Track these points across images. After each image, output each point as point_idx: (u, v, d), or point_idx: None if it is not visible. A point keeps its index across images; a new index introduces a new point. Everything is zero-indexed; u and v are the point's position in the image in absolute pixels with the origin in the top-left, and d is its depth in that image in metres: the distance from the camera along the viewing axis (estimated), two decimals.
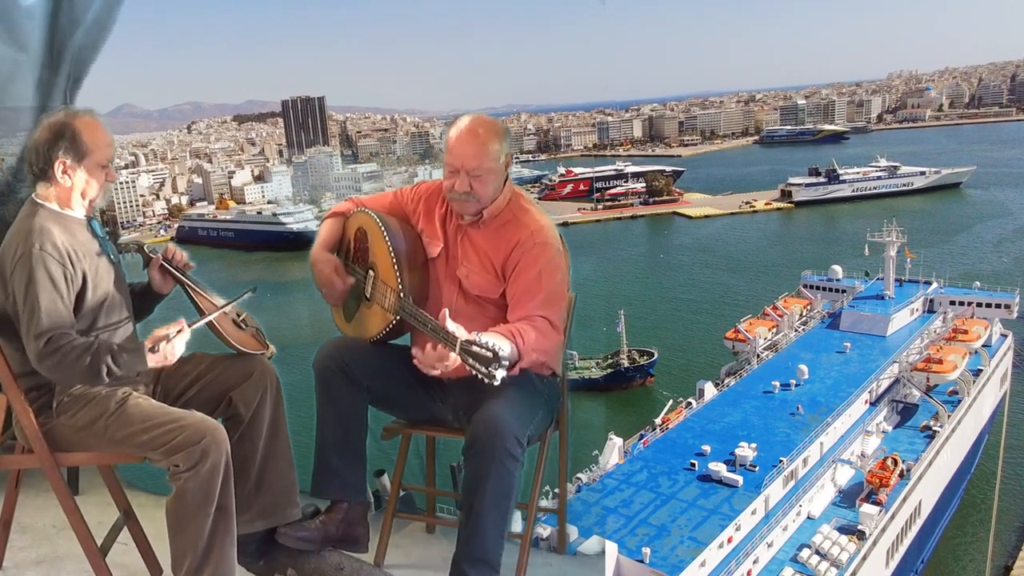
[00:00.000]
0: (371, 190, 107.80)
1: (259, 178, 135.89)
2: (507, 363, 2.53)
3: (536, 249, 2.99)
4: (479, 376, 2.48)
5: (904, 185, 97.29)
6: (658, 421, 29.50)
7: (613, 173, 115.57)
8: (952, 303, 38.34)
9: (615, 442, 26.47)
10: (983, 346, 35.52)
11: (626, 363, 44.01)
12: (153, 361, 2.72)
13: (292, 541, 3.08)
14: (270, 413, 3.03)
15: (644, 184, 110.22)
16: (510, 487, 2.85)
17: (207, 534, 2.73)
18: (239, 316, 3.09)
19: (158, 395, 2.98)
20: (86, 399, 2.82)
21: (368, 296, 3.17)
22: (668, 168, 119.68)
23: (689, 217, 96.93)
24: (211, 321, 2.90)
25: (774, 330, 37.18)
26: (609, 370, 43.67)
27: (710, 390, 31.54)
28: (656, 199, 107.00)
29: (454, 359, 2.58)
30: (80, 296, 2.78)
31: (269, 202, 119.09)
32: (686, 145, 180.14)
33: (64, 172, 2.78)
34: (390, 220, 3.17)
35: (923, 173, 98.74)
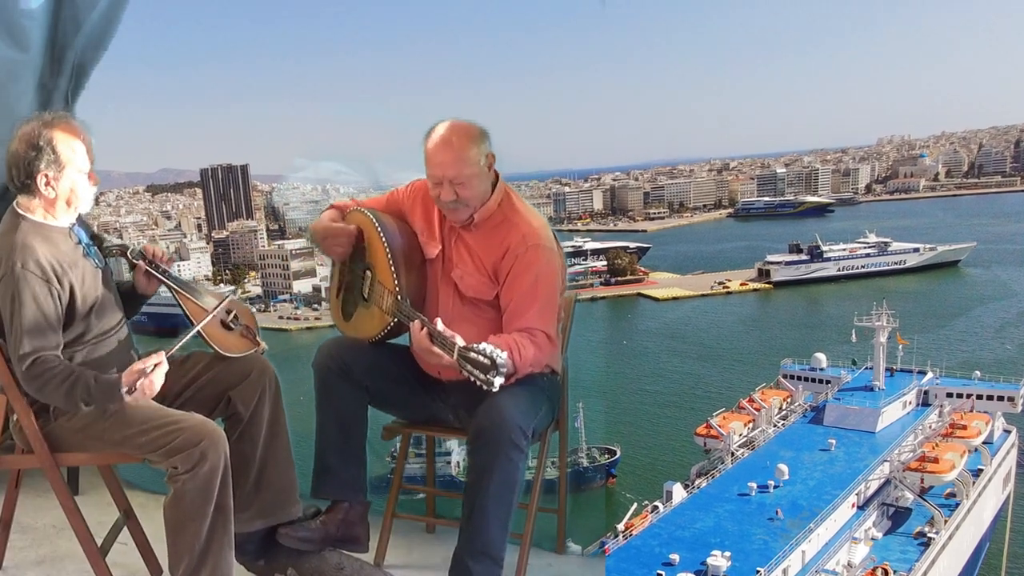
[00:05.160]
0: (300, 268, 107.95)
1: (175, 255, 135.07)
2: (504, 370, 2.81)
3: (529, 253, 3.32)
4: (477, 383, 2.81)
5: (896, 263, 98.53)
6: (621, 527, 29.59)
7: (571, 250, 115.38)
8: (949, 395, 38.85)
9: (573, 550, 26.52)
10: (984, 443, 35.89)
11: (585, 462, 43.83)
12: (130, 399, 2.99)
13: (292, 541, 3.39)
14: (269, 412, 3.36)
15: (605, 262, 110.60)
16: (514, 480, 3.16)
17: (205, 535, 3.03)
18: (229, 314, 3.40)
19: (156, 395, 3.17)
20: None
21: (366, 297, 3.50)
22: (632, 244, 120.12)
23: (655, 299, 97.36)
24: (199, 329, 3.24)
25: (750, 425, 37.49)
26: (566, 470, 43.05)
27: (679, 492, 31.70)
28: (619, 279, 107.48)
29: (440, 354, 2.97)
30: (70, 307, 3.06)
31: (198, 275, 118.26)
32: (652, 219, 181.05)
33: (48, 185, 3.04)
34: (387, 220, 3.53)
35: (917, 250, 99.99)
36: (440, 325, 3.02)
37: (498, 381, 2.79)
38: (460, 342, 2.91)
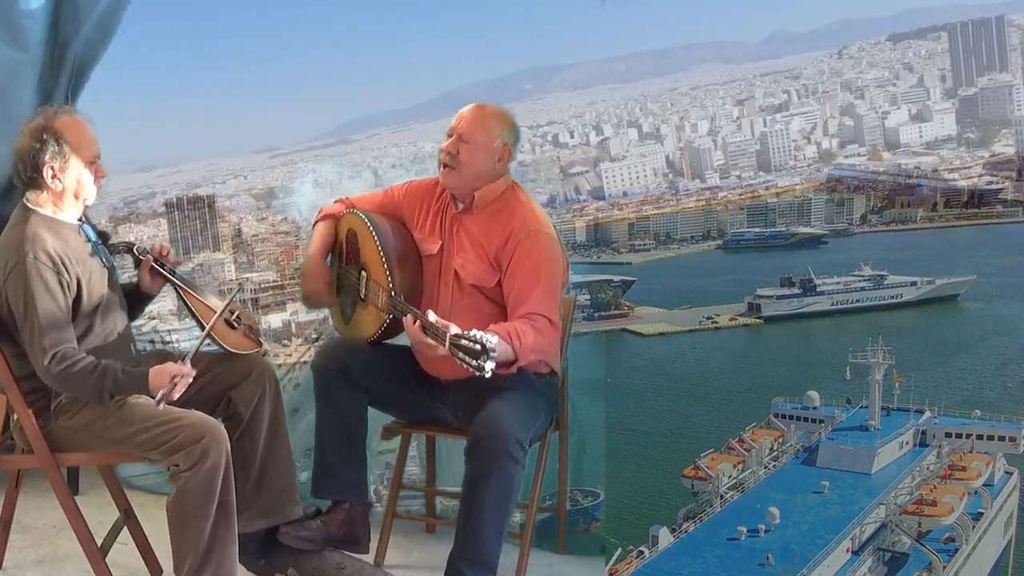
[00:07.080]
0: (269, 303, 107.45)
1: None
2: (495, 354, 2.89)
3: (531, 238, 3.49)
4: (469, 368, 2.89)
5: (892, 297, 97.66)
6: (604, 573, 29.24)
7: None
8: (948, 435, 38.60)
9: None
10: (984, 485, 35.83)
11: (568, 506, 43.09)
12: (154, 394, 3.09)
13: (294, 541, 3.56)
14: (269, 412, 3.51)
15: (588, 296, 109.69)
16: (511, 489, 3.35)
17: (208, 534, 3.14)
18: (232, 314, 3.57)
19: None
20: (84, 400, 3.24)
21: (363, 297, 3.67)
22: (616, 278, 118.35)
23: (641, 335, 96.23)
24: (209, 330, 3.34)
25: (740, 467, 37.06)
26: (547, 514, 42.64)
27: (665, 537, 31.30)
28: (602, 314, 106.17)
29: (434, 345, 3.07)
30: (75, 302, 3.19)
31: (152, 318, 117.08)
32: (637, 251, 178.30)
33: (54, 177, 3.18)
34: (379, 219, 3.70)
35: (914, 283, 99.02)
36: (432, 316, 3.13)
37: (489, 366, 2.88)
38: (453, 330, 3.00)
